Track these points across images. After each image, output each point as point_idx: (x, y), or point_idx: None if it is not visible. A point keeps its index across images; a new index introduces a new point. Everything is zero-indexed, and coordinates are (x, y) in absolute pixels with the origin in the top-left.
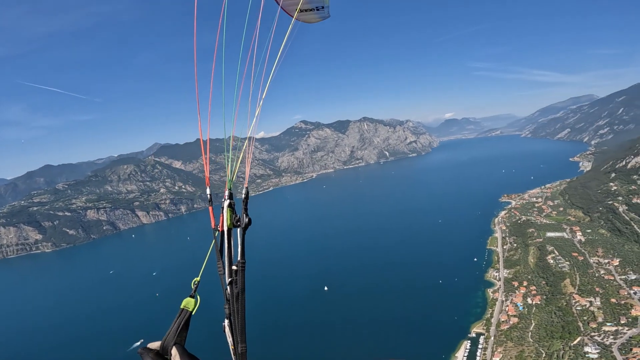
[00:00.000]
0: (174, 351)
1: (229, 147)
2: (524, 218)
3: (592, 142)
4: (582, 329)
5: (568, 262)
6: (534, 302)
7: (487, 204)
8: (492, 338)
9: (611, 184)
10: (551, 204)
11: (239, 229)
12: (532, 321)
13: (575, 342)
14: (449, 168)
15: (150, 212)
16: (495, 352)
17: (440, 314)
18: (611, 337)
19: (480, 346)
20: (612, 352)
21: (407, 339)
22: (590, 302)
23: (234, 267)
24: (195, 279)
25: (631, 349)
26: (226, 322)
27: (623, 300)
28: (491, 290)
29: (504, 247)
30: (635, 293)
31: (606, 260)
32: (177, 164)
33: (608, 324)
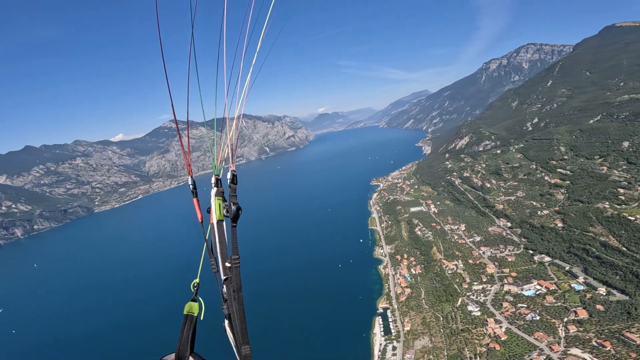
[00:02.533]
0: None
1: (212, 127)
2: (391, 197)
3: (429, 130)
4: (459, 291)
5: (431, 232)
6: (417, 272)
7: (362, 188)
8: (397, 311)
9: (447, 162)
10: (408, 183)
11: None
12: (422, 289)
13: (458, 304)
14: (326, 158)
15: None
16: (405, 323)
17: (348, 297)
18: (482, 294)
19: (390, 319)
20: (488, 308)
21: (324, 327)
22: (456, 265)
23: (227, 264)
24: (194, 280)
25: (502, 304)
26: (226, 322)
27: (477, 260)
28: (382, 266)
29: (382, 225)
30: (484, 253)
31: (455, 226)
32: (0, 179)
33: (475, 283)
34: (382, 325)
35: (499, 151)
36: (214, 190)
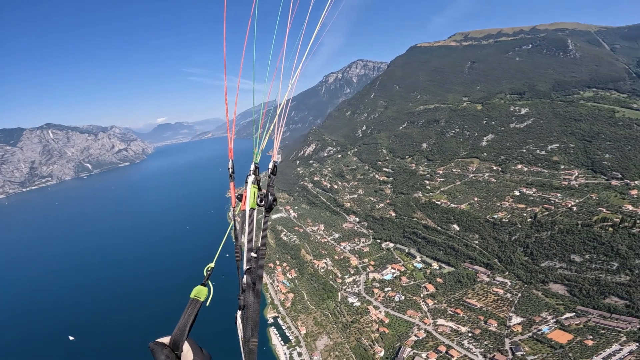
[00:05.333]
0: (186, 347)
1: (257, 113)
2: None
3: (281, 139)
4: (335, 286)
5: (296, 236)
6: (293, 276)
7: (218, 200)
8: (288, 317)
9: (298, 169)
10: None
11: (257, 211)
12: (303, 292)
13: (339, 298)
14: (171, 173)
15: None
16: (299, 327)
17: (230, 313)
18: (355, 286)
19: (283, 327)
20: (364, 297)
21: (217, 350)
22: (326, 263)
23: (253, 255)
24: (208, 265)
25: (373, 291)
26: (239, 313)
27: (341, 255)
28: None
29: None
30: (344, 248)
31: (316, 227)
32: None
33: (346, 276)
34: (278, 335)
35: (340, 156)
36: (251, 178)
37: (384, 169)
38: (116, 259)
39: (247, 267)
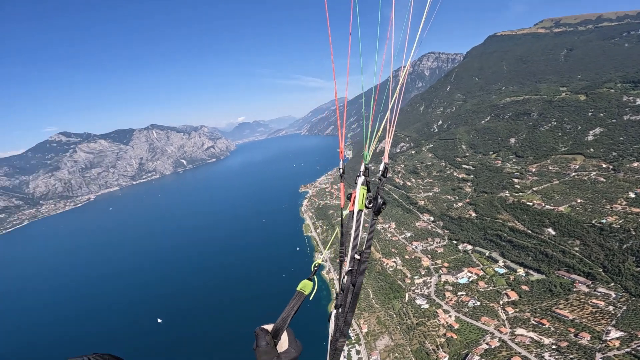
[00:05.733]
0: (284, 336)
1: (367, 110)
2: (322, 203)
3: (349, 135)
4: (403, 286)
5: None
6: (331, 277)
7: (291, 195)
8: None
9: (370, 165)
10: (336, 187)
11: (364, 213)
12: (369, 289)
13: (406, 299)
14: (250, 168)
15: None
16: (361, 325)
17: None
18: (424, 287)
19: None
20: (434, 299)
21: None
22: (395, 262)
23: (357, 256)
24: (316, 261)
25: (444, 294)
26: (334, 312)
27: (412, 255)
28: (324, 272)
29: (317, 231)
30: (416, 247)
31: (387, 225)
32: None
33: (415, 277)
34: None
35: (413, 152)
36: (361, 179)
37: (463, 165)
38: (201, 243)
39: (350, 268)
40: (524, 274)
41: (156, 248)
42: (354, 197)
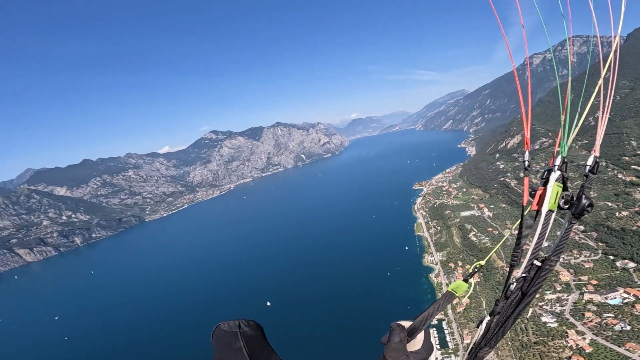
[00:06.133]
0: (421, 335)
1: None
2: (438, 202)
3: (471, 130)
4: None
5: (488, 237)
6: (475, 281)
7: (404, 192)
8: (454, 322)
9: (498, 163)
10: (455, 186)
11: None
12: (482, 299)
13: (529, 314)
14: (363, 164)
15: (35, 249)
16: (464, 335)
17: (397, 308)
18: (557, 304)
19: (446, 331)
20: (567, 319)
21: (376, 339)
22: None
23: (537, 262)
24: (478, 262)
25: (583, 314)
26: (487, 319)
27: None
28: (433, 274)
29: (429, 231)
30: None
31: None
32: (61, 191)
33: (547, 292)
34: (437, 338)
35: (559, 148)
36: (555, 174)
37: (632, 166)
38: (313, 236)
39: (524, 275)
40: None
41: (270, 238)
42: (540, 195)
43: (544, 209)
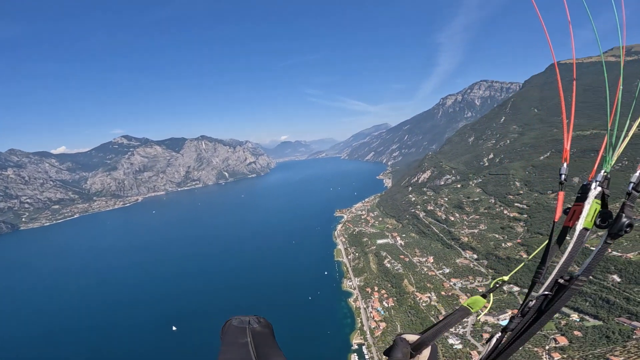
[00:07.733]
0: (427, 351)
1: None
2: (357, 229)
3: (389, 163)
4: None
5: (400, 264)
6: (389, 305)
7: (325, 218)
8: (374, 346)
9: (410, 195)
10: (372, 215)
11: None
12: (397, 323)
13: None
14: (287, 188)
15: None
16: (383, 359)
17: (319, 331)
18: (459, 326)
19: (367, 356)
20: (469, 340)
21: None
22: (429, 297)
23: (561, 281)
24: (501, 277)
25: (482, 335)
26: (497, 335)
27: (450, 292)
28: (352, 299)
29: (348, 257)
30: (454, 284)
31: (424, 259)
32: None
33: None
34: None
35: (459, 185)
36: (595, 191)
37: (515, 204)
38: (227, 260)
39: (545, 292)
40: (577, 319)
41: (181, 255)
42: (575, 211)
43: (579, 226)
